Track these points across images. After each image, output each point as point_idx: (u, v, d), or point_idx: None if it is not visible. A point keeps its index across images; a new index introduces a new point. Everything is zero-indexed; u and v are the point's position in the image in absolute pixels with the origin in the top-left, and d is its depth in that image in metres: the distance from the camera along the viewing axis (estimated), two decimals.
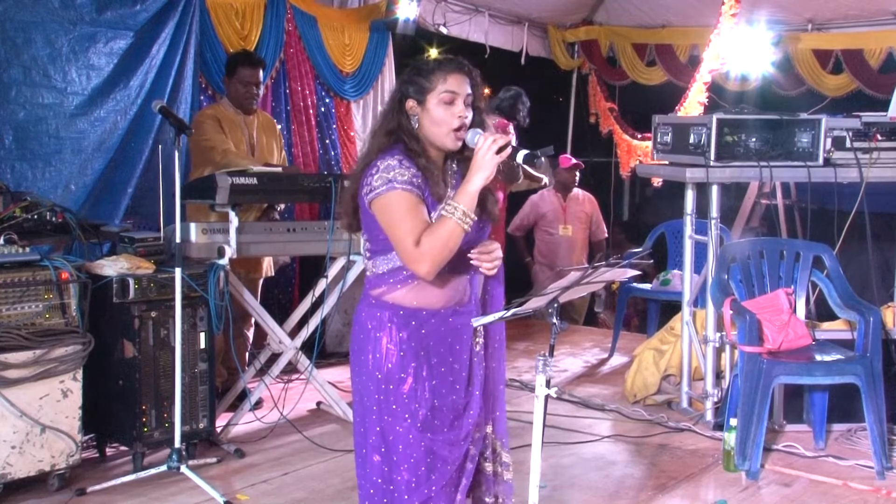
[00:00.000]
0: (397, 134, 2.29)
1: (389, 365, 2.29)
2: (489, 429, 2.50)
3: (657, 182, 7.41)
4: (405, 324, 2.30)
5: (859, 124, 4.31)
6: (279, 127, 4.99)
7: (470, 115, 2.29)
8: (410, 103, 2.29)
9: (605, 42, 7.72)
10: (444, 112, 2.26)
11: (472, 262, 2.30)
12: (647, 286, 5.99)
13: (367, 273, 2.37)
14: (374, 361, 2.30)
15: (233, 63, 4.60)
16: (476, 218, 2.22)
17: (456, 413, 2.35)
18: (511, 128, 5.93)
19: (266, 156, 4.62)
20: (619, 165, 7.80)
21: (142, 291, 3.63)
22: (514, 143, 2.26)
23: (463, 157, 2.34)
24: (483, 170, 2.18)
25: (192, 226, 3.91)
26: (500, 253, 2.34)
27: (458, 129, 2.27)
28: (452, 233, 2.17)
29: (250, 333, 4.75)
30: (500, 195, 6.35)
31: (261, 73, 4.59)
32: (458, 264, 2.30)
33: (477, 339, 2.43)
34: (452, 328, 2.35)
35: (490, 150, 2.18)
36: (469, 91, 2.29)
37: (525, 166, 2.37)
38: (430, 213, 2.24)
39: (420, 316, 2.31)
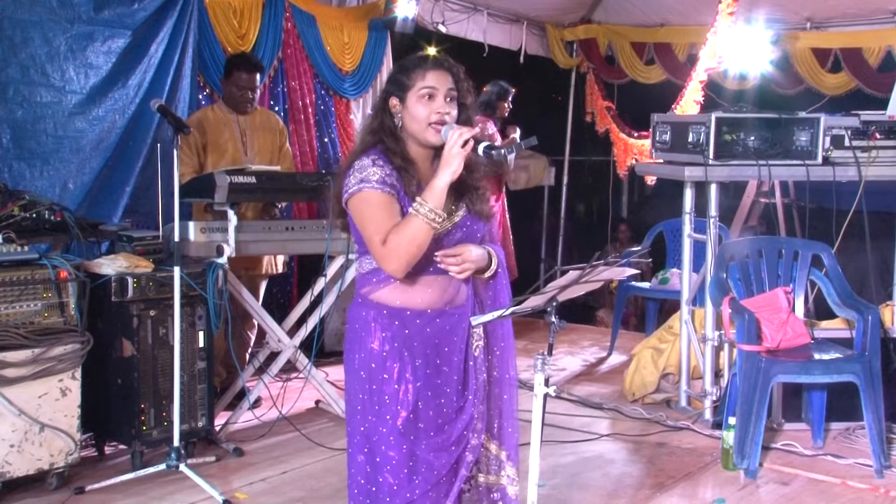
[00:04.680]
0: (379, 133, 2.30)
1: (373, 364, 2.27)
2: (495, 444, 2.44)
3: (651, 180, 7.42)
4: (389, 324, 2.28)
5: (858, 123, 4.31)
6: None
7: (454, 111, 2.28)
8: (393, 101, 2.30)
9: (604, 41, 7.71)
10: (423, 108, 2.25)
11: (438, 265, 2.27)
12: (645, 285, 5.99)
13: (356, 272, 2.39)
14: (360, 360, 2.29)
15: (230, 66, 4.60)
16: (446, 214, 2.21)
17: (445, 418, 2.31)
18: (490, 124, 5.95)
19: (261, 155, 4.61)
20: (617, 164, 7.80)
21: (140, 290, 3.63)
22: (494, 137, 2.26)
23: None
24: (448, 165, 2.17)
25: (191, 224, 3.91)
26: (470, 255, 2.28)
27: (437, 124, 2.25)
28: (418, 230, 2.15)
29: (252, 334, 4.74)
30: (493, 198, 6.36)
31: (258, 77, 4.58)
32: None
33: (476, 343, 2.38)
34: (439, 329, 2.31)
35: (456, 144, 2.17)
36: (451, 86, 2.28)
37: (487, 157, 2.34)
38: (404, 212, 2.22)
39: (404, 316, 2.28)
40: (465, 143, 2.17)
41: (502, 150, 2.25)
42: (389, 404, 2.26)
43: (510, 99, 6.43)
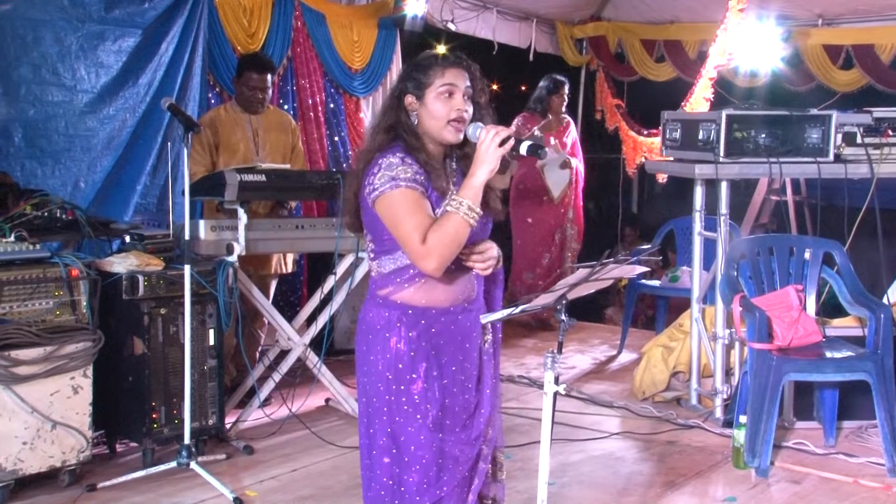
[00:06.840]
0: (396, 130, 2.27)
1: (400, 365, 2.26)
2: (491, 431, 2.46)
3: (662, 178, 7.40)
4: (415, 323, 2.27)
5: (870, 120, 4.29)
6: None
7: (470, 109, 2.28)
8: (409, 99, 2.28)
9: (614, 38, 7.69)
10: (442, 105, 2.25)
11: (464, 263, 2.27)
12: (655, 283, 5.97)
13: (372, 273, 2.34)
14: (385, 362, 2.27)
15: (241, 66, 4.60)
16: (482, 213, 2.21)
17: (468, 412, 2.34)
18: (536, 129, 6.02)
19: (272, 154, 4.61)
20: (627, 162, 7.78)
21: (151, 288, 3.64)
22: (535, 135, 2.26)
23: (463, 153, 2.33)
24: (486, 163, 2.17)
25: (202, 223, 3.92)
26: (494, 253, 2.31)
27: (456, 121, 2.25)
28: (459, 228, 2.15)
29: (262, 333, 4.75)
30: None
31: (268, 77, 4.57)
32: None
33: (486, 337, 2.41)
34: (462, 326, 2.33)
35: (493, 142, 2.16)
36: (468, 84, 2.28)
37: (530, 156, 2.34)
38: (434, 209, 2.22)
39: (430, 315, 2.28)
40: (503, 142, 2.17)
41: (546, 149, 2.23)
42: (419, 404, 2.26)
43: (566, 91, 6.49)
